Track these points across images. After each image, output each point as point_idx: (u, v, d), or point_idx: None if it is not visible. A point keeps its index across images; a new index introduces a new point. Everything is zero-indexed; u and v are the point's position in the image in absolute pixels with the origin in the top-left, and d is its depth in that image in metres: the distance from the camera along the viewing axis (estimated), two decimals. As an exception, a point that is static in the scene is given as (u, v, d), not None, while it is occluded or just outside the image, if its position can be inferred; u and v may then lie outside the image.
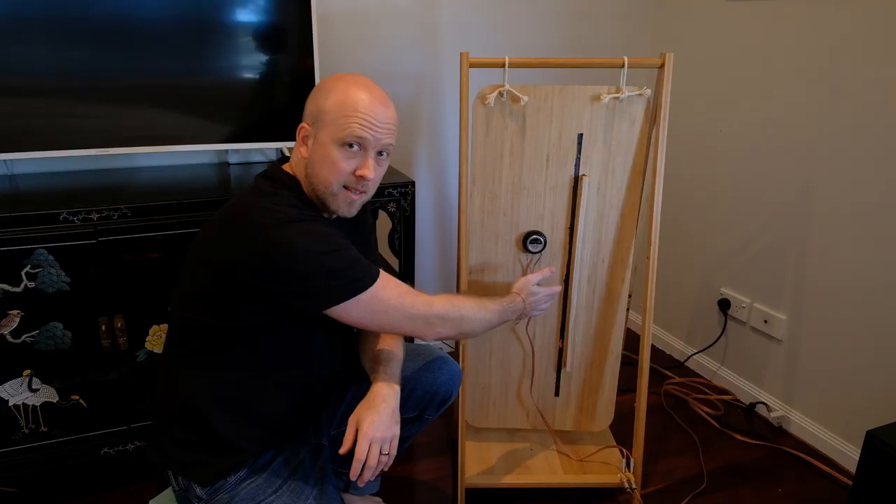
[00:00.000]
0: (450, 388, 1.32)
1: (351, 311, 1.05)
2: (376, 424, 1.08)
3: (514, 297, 1.32)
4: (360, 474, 1.08)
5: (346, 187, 1.09)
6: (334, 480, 1.26)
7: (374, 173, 1.09)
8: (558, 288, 1.45)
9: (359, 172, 1.08)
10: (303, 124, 1.10)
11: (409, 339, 1.49)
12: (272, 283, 1.01)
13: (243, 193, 1.11)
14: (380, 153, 1.10)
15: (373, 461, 1.07)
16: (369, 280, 1.05)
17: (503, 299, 1.28)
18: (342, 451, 1.08)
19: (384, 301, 1.07)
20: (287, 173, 1.13)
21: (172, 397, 1.15)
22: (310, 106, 1.10)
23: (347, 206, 1.11)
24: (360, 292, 1.04)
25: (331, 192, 1.09)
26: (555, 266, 1.59)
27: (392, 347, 1.24)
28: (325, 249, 1.02)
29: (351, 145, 1.06)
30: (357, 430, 1.08)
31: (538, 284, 1.38)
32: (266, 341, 1.11)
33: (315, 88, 1.12)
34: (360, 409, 1.11)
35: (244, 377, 1.12)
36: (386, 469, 1.12)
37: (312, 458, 1.24)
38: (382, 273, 1.08)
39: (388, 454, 1.10)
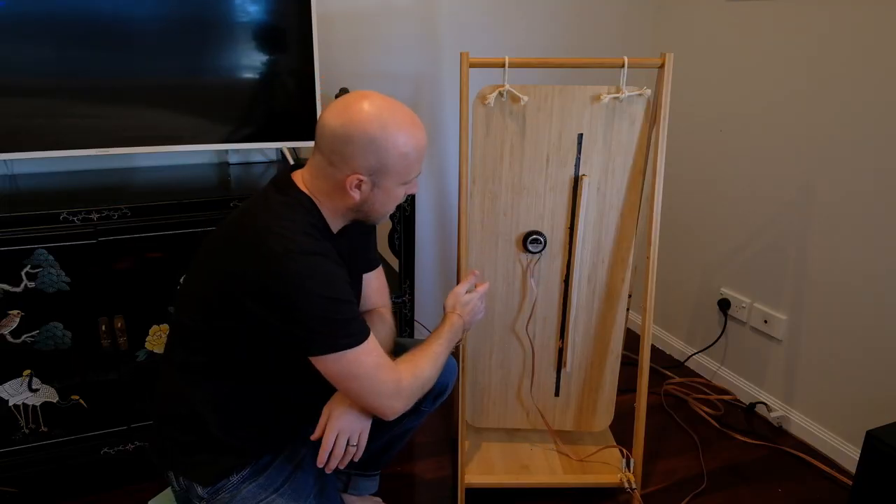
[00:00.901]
0: (446, 380, 1.32)
1: (329, 364, 1.04)
2: (345, 416, 1.11)
3: (451, 316, 1.30)
4: (327, 463, 1.11)
5: None
6: (335, 481, 1.27)
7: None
8: (486, 285, 1.43)
9: (411, 192, 1.16)
10: (357, 176, 1.05)
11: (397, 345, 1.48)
12: (267, 312, 1.00)
13: (256, 205, 1.09)
14: None
15: (338, 451, 1.11)
16: (359, 339, 1.04)
17: (444, 329, 1.26)
18: (313, 437, 1.12)
19: (362, 365, 1.05)
20: (301, 191, 1.10)
21: (172, 399, 1.15)
22: (363, 159, 1.04)
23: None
24: (347, 349, 1.03)
25: (386, 217, 1.17)
26: (478, 270, 1.59)
27: (380, 338, 1.23)
28: (328, 295, 1.01)
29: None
30: (327, 420, 1.11)
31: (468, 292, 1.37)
32: (265, 349, 1.10)
33: (358, 135, 1.02)
34: (333, 399, 1.14)
35: (244, 383, 1.12)
36: (356, 459, 1.14)
37: (313, 458, 1.24)
38: (371, 337, 1.07)
39: (356, 445, 1.12)
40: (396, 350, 1.27)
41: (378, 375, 1.07)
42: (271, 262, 0.99)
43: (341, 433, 1.10)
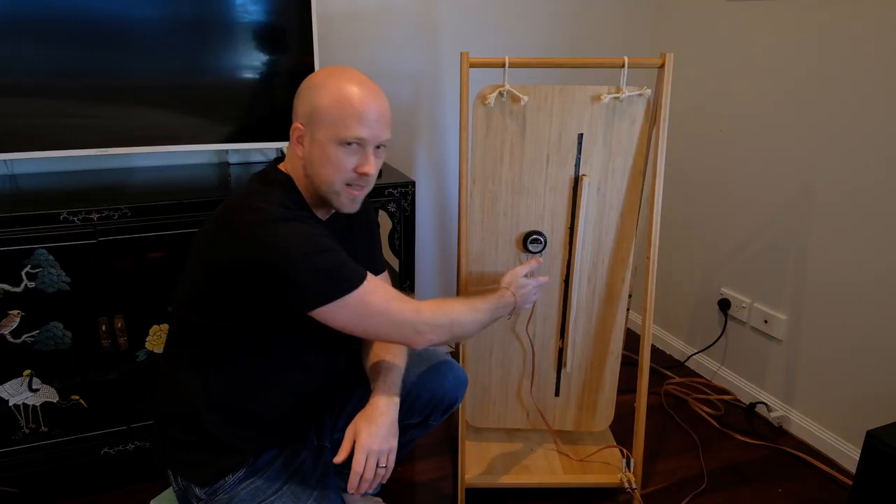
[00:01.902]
0: (455, 394, 1.31)
1: (336, 314, 1.03)
2: (374, 437, 1.08)
3: (504, 291, 1.31)
4: (357, 486, 1.08)
5: (347, 184, 1.09)
6: (336, 481, 1.26)
7: (375, 169, 1.09)
8: (546, 278, 1.44)
9: (361, 170, 1.07)
10: (296, 124, 1.08)
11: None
12: (258, 283, 1.00)
13: (236, 193, 1.11)
14: (377, 147, 1.10)
15: (369, 474, 1.07)
16: (356, 282, 1.03)
17: (493, 296, 1.27)
18: (337, 459, 1.08)
19: (371, 305, 1.04)
20: (281, 172, 1.12)
21: (171, 397, 1.15)
22: (302, 105, 1.08)
23: (350, 202, 1.11)
24: (346, 294, 1.02)
25: (333, 190, 1.09)
26: (542, 258, 1.58)
27: (394, 356, 1.23)
28: (311, 249, 1.00)
29: (350, 143, 1.05)
30: (355, 442, 1.08)
31: (526, 276, 1.37)
32: (262, 343, 1.10)
33: (304, 85, 1.09)
34: (359, 420, 1.11)
35: (241, 379, 1.12)
36: (384, 482, 1.11)
37: (314, 460, 1.24)
38: (370, 276, 1.06)
39: (385, 466, 1.09)
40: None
41: (391, 307, 1.06)
42: (249, 236, 0.99)
43: (370, 455, 1.07)
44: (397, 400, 1.15)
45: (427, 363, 1.32)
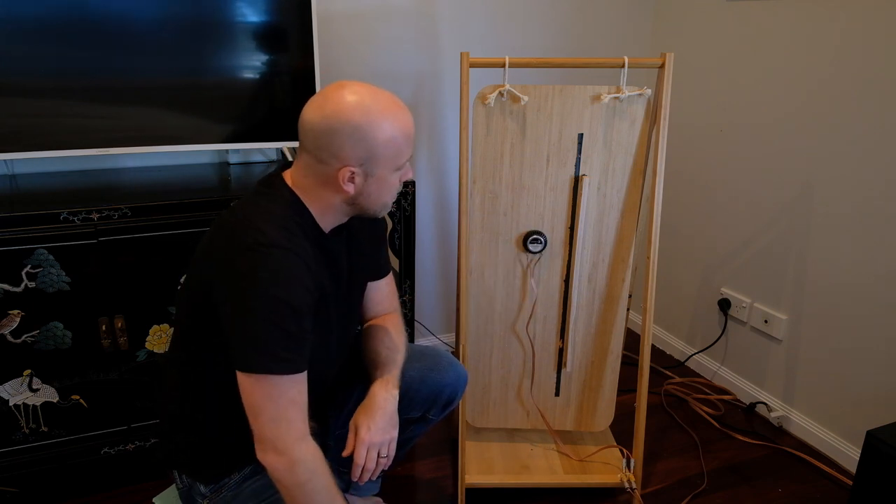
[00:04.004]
0: (455, 390, 1.32)
1: (242, 382, 0.97)
2: (374, 430, 1.11)
3: None
4: (360, 476, 1.12)
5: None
6: (337, 482, 1.26)
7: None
8: None
9: (406, 178, 1.10)
10: (350, 169, 1.01)
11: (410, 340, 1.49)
12: (222, 302, 0.97)
13: (240, 203, 1.08)
14: None
15: (371, 464, 1.11)
16: (283, 369, 0.96)
17: None
18: (344, 454, 1.12)
19: (275, 398, 0.96)
20: (287, 187, 1.08)
21: (174, 399, 1.15)
22: (351, 149, 1.00)
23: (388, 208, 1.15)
24: (272, 374, 0.96)
25: (387, 208, 1.12)
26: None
27: (392, 349, 1.23)
28: (279, 295, 0.95)
29: (403, 166, 1.08)
30: (356, 435, 1.11)
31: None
32: None
33: (342, 128, 0.99)
34: (358, 413, 1.14)
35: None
36: (386, 469, 1.15)
37: None
38: (299, 375, 0.99)
39: (386, 456, 1.13)
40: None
41: (287, 414, 0.97)
42: (237, 253, 0.96)
43: (371, 448, 1.11)
44: (396, 392, 1.17)
45: (429, 359, 1.33)
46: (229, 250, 0.98)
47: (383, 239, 1.33)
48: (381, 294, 1.31)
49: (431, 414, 1.32)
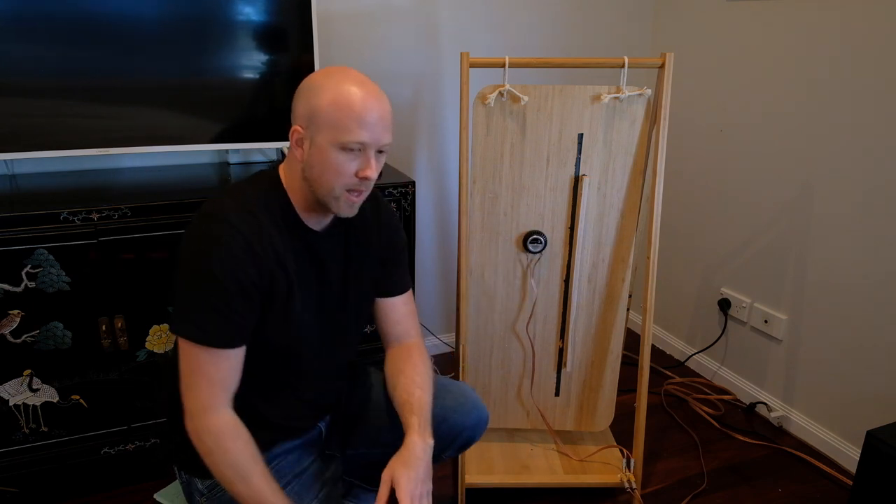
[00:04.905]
0: (474, 434, 1.28)
1: (180, 346, 1.01)
2: (413, 482, 1.05)
3: None
4: None
5: (348, 190, 1.05)
6: (338, 489, 1.26)
7: (376, 172, 1.05)
8: None
9: (362, 174, 1.03)
10: (295, 126, 1.03)
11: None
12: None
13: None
14: (379, 151, 1.06)
15: None
16: (198, 338, 0.98)
17: None
18: None
19: (189, 363, 1.00)
20: (275, 174, 1.09)
21: (174, 397, 1.15)
22: (300, 106, 1.03)
23: (349, 207, 1.08)
24: (188, 338, 0.98)
25: (333, 195, 1.05)
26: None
27: (424, 390, 1.18)
28: (205, 267, 0.97)
29: (352, 149, 1.02)
30: (393, 487, 1.05)
31: None
32: (252, 343, 1.09)
33: (302, 86, 1.04)
34: (396, 465, 1.07)
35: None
36: None
37: (321, 467, 1.22)
38: (218, 350, 1.00)
39: None
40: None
41: (194, 380, 1.00)
42: (193, 220, 1.00)
43: (413, 500, 1.04)
44: (431, 442, 1.12)
45: (453, 398, 1.27)
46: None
47: (401, 259, 1.28)
48: (399, 314, 1.26)
49: (445, 453, 1.27)
